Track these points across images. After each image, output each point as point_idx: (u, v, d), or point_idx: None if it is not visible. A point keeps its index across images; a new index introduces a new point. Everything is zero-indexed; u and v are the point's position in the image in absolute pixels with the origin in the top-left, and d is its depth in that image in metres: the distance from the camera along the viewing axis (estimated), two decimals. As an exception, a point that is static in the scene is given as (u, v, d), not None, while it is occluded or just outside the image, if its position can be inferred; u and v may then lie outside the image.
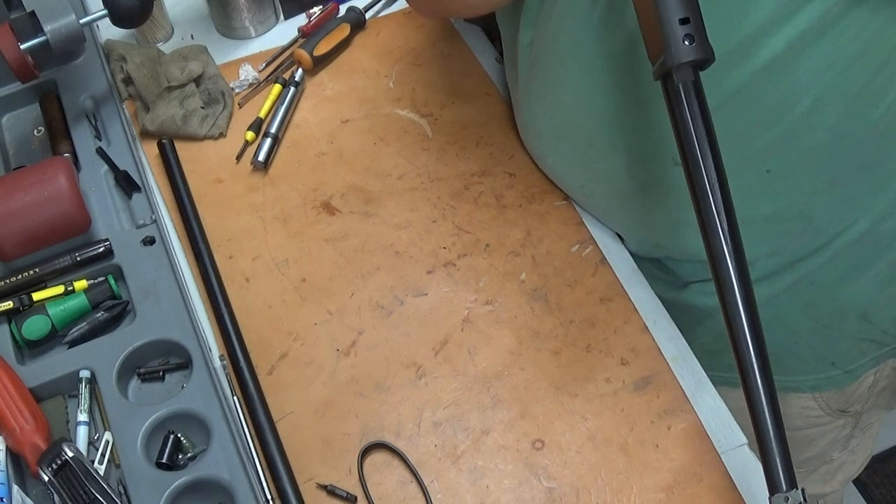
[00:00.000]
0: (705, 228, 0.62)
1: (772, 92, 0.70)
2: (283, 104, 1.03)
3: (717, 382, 0.83)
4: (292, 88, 1.04)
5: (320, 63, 1.08)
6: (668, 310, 0.87)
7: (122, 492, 0.75)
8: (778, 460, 0.58)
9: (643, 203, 0.85)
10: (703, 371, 0.83)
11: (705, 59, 0.61)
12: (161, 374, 0.84)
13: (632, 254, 0.92)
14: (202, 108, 1.02)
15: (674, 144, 0.64)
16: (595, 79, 0.77)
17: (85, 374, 0.81)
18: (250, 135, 1.01)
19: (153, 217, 0.92)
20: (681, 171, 0.65)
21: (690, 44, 0.61)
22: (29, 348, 0.85)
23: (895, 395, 1.01)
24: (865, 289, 0.86)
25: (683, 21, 0.60)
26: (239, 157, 1.00)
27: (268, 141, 1.00)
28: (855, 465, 1.11)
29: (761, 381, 0.59)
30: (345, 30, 1.10)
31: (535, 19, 0.81)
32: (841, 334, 0.90)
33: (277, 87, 1.06)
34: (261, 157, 0.98)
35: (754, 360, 0.60)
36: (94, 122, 1.01)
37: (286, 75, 1.07)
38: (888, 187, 0.79)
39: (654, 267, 0.92)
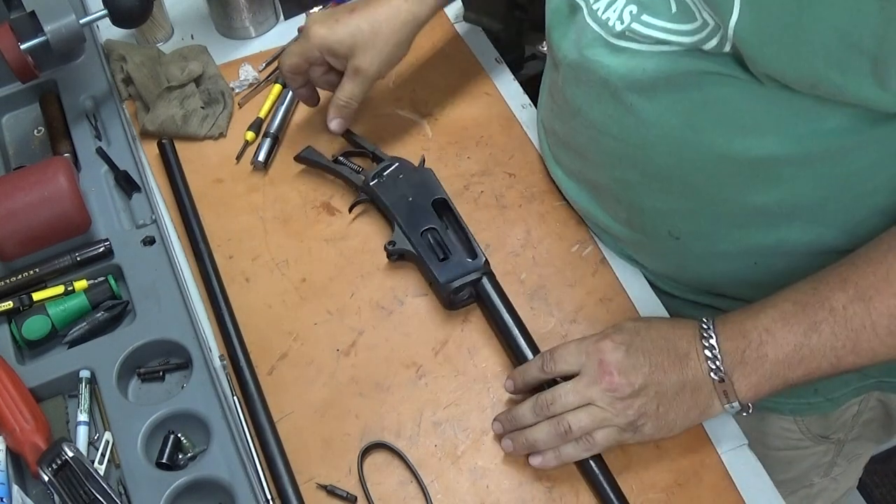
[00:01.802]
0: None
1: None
2: (283, 104, 1.03)
3: None
4: (292, 88, 1.05)
5: (320, 63, 1.08)
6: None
7: (122, 492, 0.75)
8: None
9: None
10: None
11: None
12: (161, 374, 0.84)
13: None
14: (202, 108, 1.02)
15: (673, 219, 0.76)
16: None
17: (85, 374, 0.81)
18: (250, 135, 1.01)
19: (153, 217, 0.92)
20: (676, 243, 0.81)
21: None
22: (29, 348, 0.85)
23: (884, 428, 1.00)
24: None
25: None
26: (239, 157, 1.00)
27: (268, 141, 1.00)
28: (836, 493, 1.10)
29: None
30: (345, 30, 1.10)
31: None
32: None
33: (277, 87, 1.06)
34: (261, 157, 0.98)
35: None
36: (94, 122, 1.01)
37: (286, 75, 1.07)
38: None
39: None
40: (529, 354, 0.81)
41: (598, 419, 0.74)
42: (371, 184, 0.92)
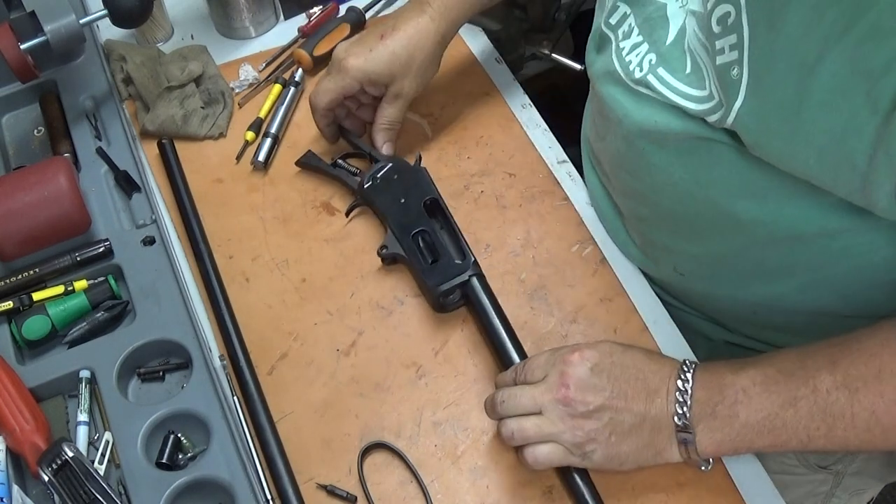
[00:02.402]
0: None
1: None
2: (283, 104, 1.03)
3: None
4: (292, 88, 1.04)
5: (320, 63, 1.08)
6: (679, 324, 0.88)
7: (122, 492, 0.75)
8: None
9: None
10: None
11: None
12: (161, 374, 0.84)
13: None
14: (202, 108, 1.02)
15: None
16: None
17: (85, 374, 0.81)
18: (250, 135, 1.01)
19: (153, 217, 0.92)
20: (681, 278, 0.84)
21: None
22: (29, 348, 0.85)
23: (887, 467, 0.99)
24: None
25: None
26: (239, 157, 1.00)
27: (268, 141, 1.00)
28: None
29: None
30: (345, 30, 1.10)
31: None
32: None
33: (277, 88, 1.06)
34: (261, 157, 0.98)
35: None
36: (94, 122, 1.01)
37: (286, 75, 1.07)
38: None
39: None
40: (516, 357, 0.80)
41: (544, 432, 0.72)
42: (365, 187, 0.91)
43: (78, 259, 0.88)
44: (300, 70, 1.07)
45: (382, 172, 0.92)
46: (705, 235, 0.78)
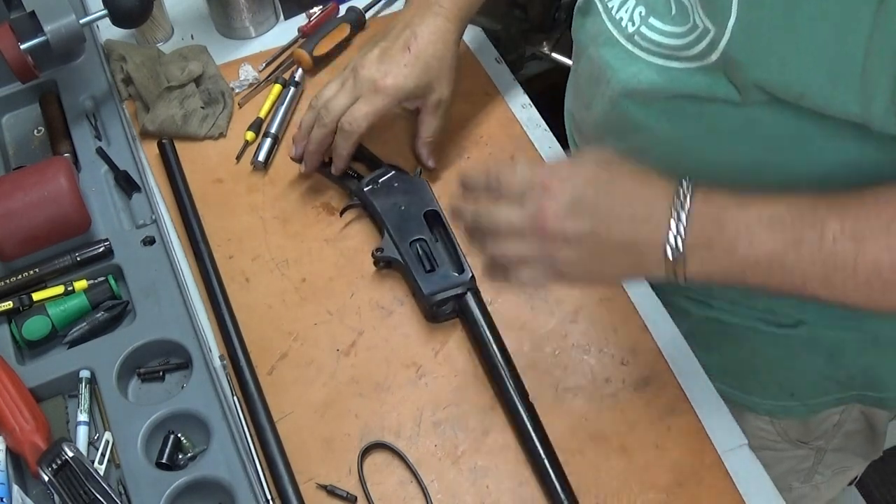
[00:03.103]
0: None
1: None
2: (283, 104, 1.03)
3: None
4: (292, 88, 1.04)
5: (320, 63, 1.08)
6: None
7: (122, 492, 0.75)
8: None
9: None
10: (703, 371, 0.83)
11: None
12: (161, 374, 0.84)
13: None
14: (202, 108, 1.02)
15: None
16: None
17: (85, 374, 0.81)
18: (250, 135, 1.01)
19: (153, 217, 0.92)
20: None
21: None
22: (29, 348, 0.85)
23: (869, 443, 0.99)
24: (834, 330, 0.85)
25: None
26: (239, 157, 1.00)
27: (268, 141, 1.00)
28: (818, 502, 1.08)
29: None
30: (345, 30, 1.10)
31: None
32: (805, 368, 0.90)
33: (277, 87, 1.06)
34: (261, 157, 0.98)
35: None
36: (94, 122, 1.01)
37: (286, 75, 1.07)
38: None
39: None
40: (507, 379, 0.80)
41: (521, 254, 0.69)
42: (365, 189, 0.91)
43: (78, 259, 0.88)
44: (300, 70, 1.06)
45: (384, 178, 0.92)
46: None
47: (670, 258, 0.65)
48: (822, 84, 0.62)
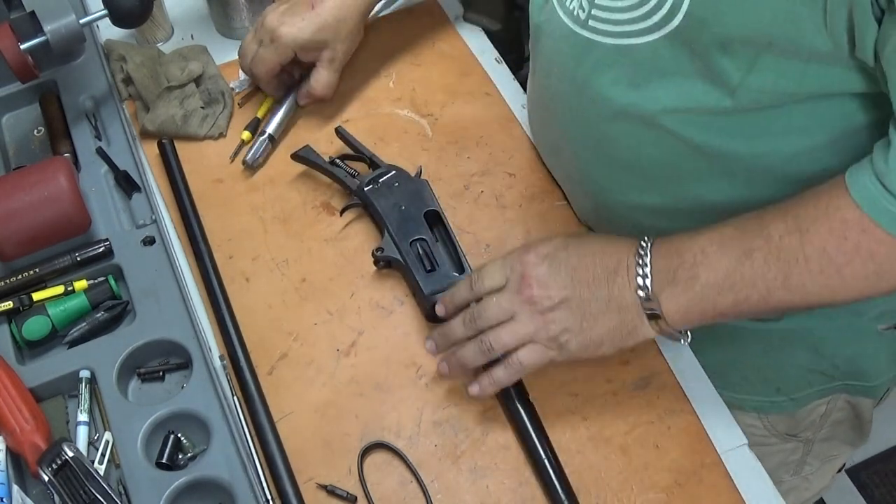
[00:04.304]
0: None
1: None
2: (282, 104, 1.03)
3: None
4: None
5: (320, 63, 1.08)
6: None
7: (122, 492, 0.75)
8: None
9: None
10: (703, 371, 0.83)
11: None
12: (161, 374, 0.84)
13: None
14: (202, 108, 1.02)
15: None
16: None
17: (85, 374, 0.81)
18: (247, 134, 1.01)
19: (153, 217, 0.92)
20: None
21: None
22: (29, 348, 0.85)
23: (855, 430, 1.00)
24: (816, 321, 0.85)
25: None
26: (233, 157, 1.00)
27: (259, 140, 0.99)
28: (808, 493, 1.09)
29: None
30: (345, 30, 1.10)
31: None
32: (790, 362, 0.90)
33: (277, 88, 1.06)
34: (248, 157, 0.98)
35: None
36: (94, 122, 1.01)
37: (286, 75, 1.07)
38: None
39: None
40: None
41: (519, 335, 0.74)
42: (365, 189, 0.91)
43: (78, 259, 0.88)
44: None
45: (384, 178, 0.92)
46: (655, 171, 0.79)
47: (643, 297, 0.70)
48: (787, 26, 0.62)
